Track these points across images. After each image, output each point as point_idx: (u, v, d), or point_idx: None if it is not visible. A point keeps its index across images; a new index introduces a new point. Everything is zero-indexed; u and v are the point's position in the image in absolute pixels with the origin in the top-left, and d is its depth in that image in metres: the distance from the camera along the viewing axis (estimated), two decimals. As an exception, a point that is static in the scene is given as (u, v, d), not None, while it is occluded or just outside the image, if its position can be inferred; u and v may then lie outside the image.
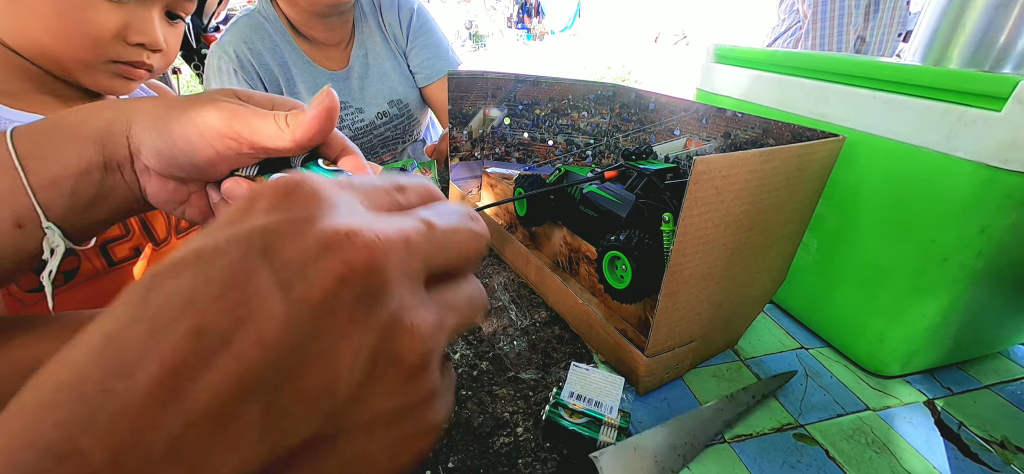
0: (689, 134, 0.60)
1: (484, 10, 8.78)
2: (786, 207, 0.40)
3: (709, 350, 0.49)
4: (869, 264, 0.47)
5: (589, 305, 0.49)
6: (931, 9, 0.50)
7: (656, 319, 0.38)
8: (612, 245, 0.44)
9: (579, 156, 0.77)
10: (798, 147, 0.37)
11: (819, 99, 0.50)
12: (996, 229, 0.39)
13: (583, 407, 0.39)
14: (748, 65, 0.59)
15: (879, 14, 1.74)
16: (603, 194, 0.50)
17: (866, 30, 1.76)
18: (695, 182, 0.32)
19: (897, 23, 1.76)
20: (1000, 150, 0.36)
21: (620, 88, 0.71)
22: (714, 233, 0.36)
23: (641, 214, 0.47)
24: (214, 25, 2.47)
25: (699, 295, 0.40)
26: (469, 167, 0.77)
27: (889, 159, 0.44)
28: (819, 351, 0.52)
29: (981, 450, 0.41)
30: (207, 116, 0.26)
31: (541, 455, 0.38)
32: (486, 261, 0.67)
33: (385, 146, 1.09)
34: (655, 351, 0.41)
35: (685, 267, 0.37)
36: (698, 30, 7.85)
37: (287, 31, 0.95)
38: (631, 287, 0.43)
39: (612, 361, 0.47)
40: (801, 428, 0.42)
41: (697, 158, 0.31)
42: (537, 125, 0.75)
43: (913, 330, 0.45)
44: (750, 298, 0.47)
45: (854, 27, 1.75)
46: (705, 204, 0.34)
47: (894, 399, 0.46)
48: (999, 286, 0.44)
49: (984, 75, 0.37)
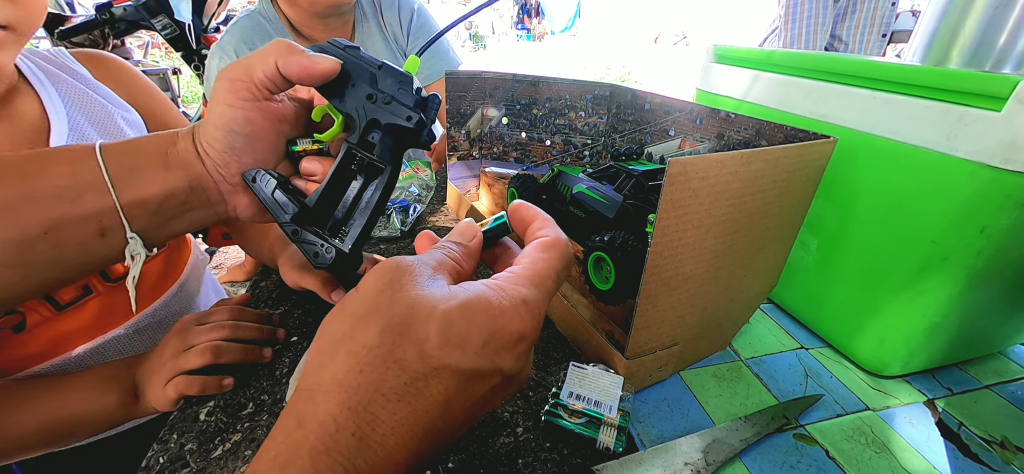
0: (684, 135, 0.60)
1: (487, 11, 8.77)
2: (775, 210, 0.40)
3: (696, 353, 0.49)
4: (869, 264, 0.47)
5: (576, 306, 0.49)
6: (931, 9, 0.50)
7: (635, 322, 0.38)
8: (597, 246, 0.44)
9: (577, 156, 0.77)
10: (784, 149, 0.36)
11: (819, 99, 0.50)
12: (996, 229, 0.39)
13: (582, 407, 0.39)
14: (748, 65, 0.59)
15: (856, 14, 1.75)
16: (592, 195, 0.50)
17: (843, 30, 1.78)
18: (671, 183, 0.32)
19: (879, 23, 1.76)
20: (1000, 150, 0.36)
21: (617, 88, 0.71)
22: (694, 236, 0.36)
23: (628, 215, 0.47)
24: (214, 26, 2.47)
25: (681, 298, 0.39)
26: (467, 166, 0.76)
27: (889, 159, 0.44)
28: (819, 351, 0.52)
29: (981, 450, 0.41)
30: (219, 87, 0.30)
31: (541, 455, 0.38)
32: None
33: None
34: (635, 353, 0.41)
35: (664, 269, 0.36)
36: (698, 30, 7.84)
37: (288, 31, 0.95)
38: (615, 288, 0.43)
39: (595, 363, 0.47)
40: (801, 428, 0.42)
41: (671, 159, 0.31)
42: (535, 125, 0.75)
43: (913, 330, 0.45)
44: (739, 302, 0.46)
45: (824, 28, 1.77)
46: (683, 206, 0.33)
47: (894, 399, 0.46)
48: (999, 286, 0.44)
49: (984, 75, 0.37)
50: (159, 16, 2.01)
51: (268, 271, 0.63)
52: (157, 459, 0.36)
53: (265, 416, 0.40)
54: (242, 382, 0.44)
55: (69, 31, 1.81)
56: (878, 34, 1.76)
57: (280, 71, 0.30)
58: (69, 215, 0.28)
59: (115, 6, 1.74)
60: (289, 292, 0.58)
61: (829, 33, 1.78)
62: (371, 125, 0.32)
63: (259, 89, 0.30)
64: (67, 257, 0.29)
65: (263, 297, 0.57)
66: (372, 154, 0.32)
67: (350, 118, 0.32)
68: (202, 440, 0.38)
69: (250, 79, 0.30)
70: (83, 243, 0.29)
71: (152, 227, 0.31)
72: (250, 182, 0.32)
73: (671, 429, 0.41)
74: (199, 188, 0.31)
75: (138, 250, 0.30)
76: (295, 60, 0.29)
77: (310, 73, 0.30)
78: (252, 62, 0.30)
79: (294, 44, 0.30)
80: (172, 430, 0.39)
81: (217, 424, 0.40)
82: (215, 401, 0.42)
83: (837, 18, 1.77)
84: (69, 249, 0.29)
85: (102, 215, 0.29)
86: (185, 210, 0.32)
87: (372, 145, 0.32)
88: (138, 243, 0.30)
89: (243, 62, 0.30)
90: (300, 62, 0.30)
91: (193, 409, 0.41)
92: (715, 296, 0.42)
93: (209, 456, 0.37)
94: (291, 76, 0.30)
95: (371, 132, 0.32)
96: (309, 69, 0.30)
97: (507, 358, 0.20)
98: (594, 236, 0.45)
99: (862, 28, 1.76)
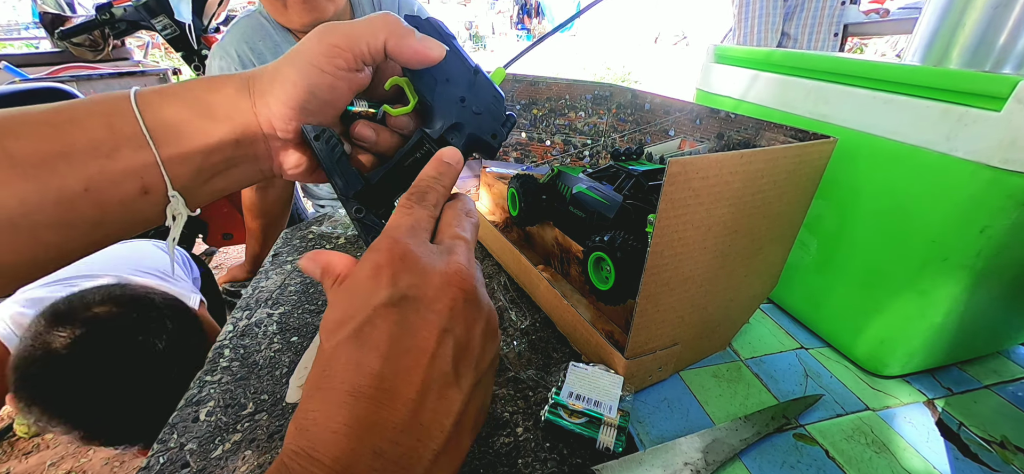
0: (684, 135, 0.60)
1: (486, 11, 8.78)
2: (775, 210, 0.40)
3: (696, 353, 0.49)
4: (869, 264, 0.47)
5: (576, 306, 0.49)
6: (931, 9, 0.50)
7: (635, 322, 0.38)
8: (597, 246, 0.44)
9: (577, 156, 0.77)
10: (784, 149, 0.36)
11: (819, 99, 0.50)
12: (996, 229, 0.39)
13: (582, 407, 0.39)
14: (748, 65, 0.59)
15: (804, 12, 1.83)
16: (592, 195, 0.50)
17: (792, 27, 1.87)
18: (670, 183, 0.32)
19: (829, 21, 1.84)
20: (1000, 150, 0.36)
21: (617, 88, 0.71)
22: (694, 236, 0.36)
23: (628, 215, 0.47)
24: (214, 26, 2.47)
25: (681, 298, 0.39)
26: (467, 166, 0.76)
27: (889, 159, 0.44)
28: (819, 351, 0.52)
29: (981, 450, 0.41)
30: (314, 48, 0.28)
31: (541, 455, 0.38)
32: (486, 265, 0.67)
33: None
34: (635, 354, 0.41)
35: (664, 269, 0.36)
36: (698, 30, 7.84)
37: (288, 32, 0.95)
38: (615, 288, 0.43)
39: (595, 363, 0.47)
40: (801, 428, 0.42)
41: (671, 159, 0.30)
42: (535, 125, 0.75)
43: (913, 330, 0.45)
44: (738, 302, 0.46)
45: (773, 26, 1.86)
46: (682, 206, 0.33)
47: (894, 399, 0.46)
48: (999, 286, 0.44)
49: (984, 75, 0.37)
50: (159, 16, 2.01)
51: (269, 271, 0.63)
52: (157, 459, 0.36)
53: (265, 416, 0.40)
54: (242, 382, 0.44)
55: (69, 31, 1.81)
56: (829, 31, 1.84)
57: (387, 50, 0.29)
58: (108, 171, 0.26)
59: (115, 6, 1.73)
60: (289, 292, 0.58)
61: (779, 31, 1.87)
62: (455, 127, 0.31)
63: (357, 60, 0.29)
64: (110, 217, 0.27)
65: (263, 297, 0.57)
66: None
67: (429, 108, 0.31)
68: (202, 440, 0.38)
69: (351, 49, 0.28)
70: (126, 201, 0.27)
71: (195, 185, 0.29)
72: (312, 139, 0.30)
73: (671, 429, 0.41)
74: (247, 141, 0.29)
75: (180, 210, 0.28)
76: (408, 44, 0.28)
77: (422, 59, 0.29)
78: (357, 31, 0.28)
79: (401, 21, 0.29)
80: (172, 430, 0.39)
81: (217, 424, 0.40)
82: (215, 401, 0.42)
83: (786, 15, 1.86)
84: (111, 208, 0.26)
85: (143, 171, 0.26)
86: (229, 166, 0.30)
87: (447, 143, 0.31)
88: (180, 202, 0.28)
89: (345, 28, 0.28)
90: (413, 47, 0.28)
91: (193, 409, 0.41)
92: (715, 296, 0.42)
93: (209, 456, 0.37)
94: (401, 58, 0.29)
95: (451, 132, 0.31)
96: (422, 55, 0.29)
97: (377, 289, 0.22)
98: (594, 236, 0.45)
99: (810, 25, 1.84)
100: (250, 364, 0.46)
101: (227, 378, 0.44)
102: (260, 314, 0.54)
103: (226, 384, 0.44)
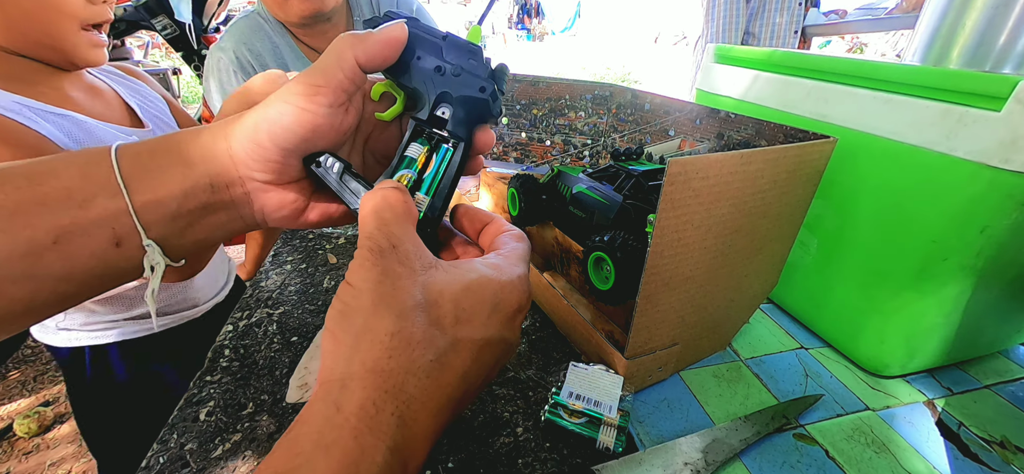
0: (684, 135, 0.60)
1: (484, 11, 8.78)
2: (775, 210, 0.40)
3: (696, 353, 0.49)
4: (869, 264, 0.47)
5: (576, 306, 0.49)
6: (931, 9, 0.50)
7: (635, 322, 0.38)
8: (596, 246, 0.44)
9: (577, 156, 0.77)
10: (784, 149, 0.36)
11: (819, 99, 0.50)
12: (996, 229, 0.39)
13: (582, 407, 0.39)
14: (748, 65, 0.59)
15: (766, 13, 1.97)
16: (592, 195, 0.50)
17: (756, 26, 2.00)
18: (670, 183, 0.32)
19: (789, 20, 1.97)
20: (1000, 150, 0.36)
21: (617, 88, 0.71)
22: (694, 235, 0.36)
23: (628, 215, 0.47)
24: (214, 26, 2.47)
25: (681, 298, 0.39)
26: (468, 167, 0.76)
27: (889, 159, 0.44)
28: (819, 351, 0.52)
29: (981, 450, 0.41)
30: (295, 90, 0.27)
31: (541, 455, 0.38)
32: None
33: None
34: (635, 353, 0.41)
35: (664, 269, 0.36)
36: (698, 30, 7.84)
37: (286, 32, 0.95)
38: (615, 288, 0.43)
39: (595, 363, 0.47)
40: (801, 428, 0.42)
41: (671, 159, 0.30)
42: (535, 125, 0.75)
43: (913, 330, 0.45)
44: (738, 302, 0.46)
45: (737, 28, 1.99)
46: (682, 206, 0.33)
47: (894, 399, 0.46)
48: (999, 286, 0.44)
49: (984, 75, 0.37)
50: (159, 16, 2.01)
51: (269, 271, 0.63)
52: (157, 459, 0.36)
53: (265, 416, 0.40)
54: (242, 382, 0.44)
55: (69, 31, 1.81)
56: (789, 30, 1.98)
57: (360, 63, 0.28)
58: (79, 221, 0.25)
59: (115, 6, 1.74)
60: (289, 292, 0.58)
61: (743, 31, 2.00)
62: (441, 99, 0.30)
63: (338, 92, 0.28)
64: (79, 270, 0.26)
65: (263, 297, 0.57)
66: (444, 130, 0.30)
67: (414, 94, 0.31)
68: (202, 440, 0.38)
69: (329, 84, 0.27)
70: (97, 253, 0.26)
71: (172, 233, 0.28)
72: (312, 168, 0.29)
73: (671, 429, 0.41)
74: (221, 185, 0.28)
75: (157, 260, 0.28)
76: (372, 43, 0.27)
77: (389, 47, 0.28)
78: (328, 64, 0.27)
79: (354, 34, 0.28)
80: (172, 430, 0.39)
81: (217, 424, 0.40)
82: (215, 401, 0.42)
83: (751, 16, 2.00)
84: (81, 260, 0.26)
85: (114, 219, 0.26)
86: (207, 213, 0.29)
87: (443, 120, 0.30)
88: (156, 252, 0.27)
89: (318, 67, 0.28)
90: (376, 41, 0.27)
91: (193, 409, 0.41)
92: (715, 296, 0.42)
93: (209, 456, 0.37)
94: (372, 61, 0.28)
95: (440, 106, 0.30)
96: (387, 43, 0.28)
97: (509, 327, 0.24)
98: (594, 236, 0.45)
99: (772, 25, 1.98)
100: (250, 364, 0.46)
101: (227, 378, 0.44)
102: (260, 314, 0.54)
103: (226, 384, 0.44)
